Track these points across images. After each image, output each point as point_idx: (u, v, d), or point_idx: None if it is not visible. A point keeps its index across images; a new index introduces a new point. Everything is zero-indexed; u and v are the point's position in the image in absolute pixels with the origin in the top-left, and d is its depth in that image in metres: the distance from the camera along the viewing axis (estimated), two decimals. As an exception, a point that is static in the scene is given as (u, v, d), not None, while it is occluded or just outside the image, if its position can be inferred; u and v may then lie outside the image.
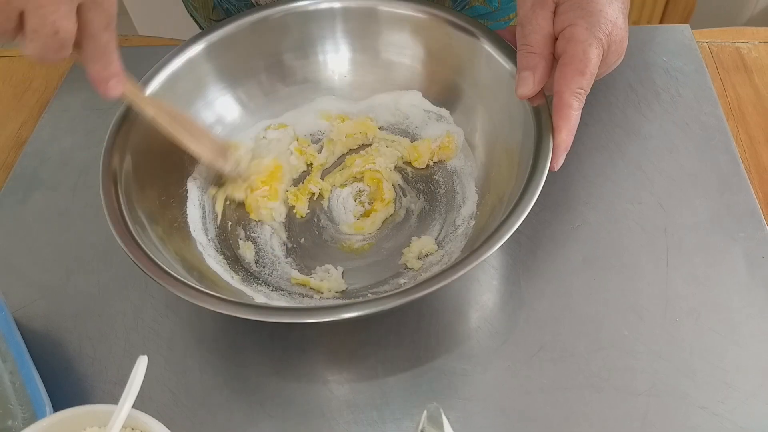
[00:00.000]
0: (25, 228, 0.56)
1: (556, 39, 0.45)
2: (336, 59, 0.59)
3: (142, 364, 0.35)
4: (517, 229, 0.41)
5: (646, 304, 0.47)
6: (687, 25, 0.66)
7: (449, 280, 0.39)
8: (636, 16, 1.09)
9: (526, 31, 0.46)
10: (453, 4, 0.66)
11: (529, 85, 0.45)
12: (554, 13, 0.45)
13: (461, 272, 0.39)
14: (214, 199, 0.54)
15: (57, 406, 0.42)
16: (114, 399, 0.35)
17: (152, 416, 0.36)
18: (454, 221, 0.52)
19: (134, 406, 0.35)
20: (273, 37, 0.57)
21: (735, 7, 1.37)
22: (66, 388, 0.46)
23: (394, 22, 0.56)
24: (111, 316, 0.50)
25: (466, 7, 0.67)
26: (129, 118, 0.50)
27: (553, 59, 0.45)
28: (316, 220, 0.54)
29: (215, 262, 0.49)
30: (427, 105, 0.58)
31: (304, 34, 0.57)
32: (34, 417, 0.40)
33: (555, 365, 0.45)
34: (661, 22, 1.13)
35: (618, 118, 0.59)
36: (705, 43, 0.67)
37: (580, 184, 0.54)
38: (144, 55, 0.55)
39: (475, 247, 0.41)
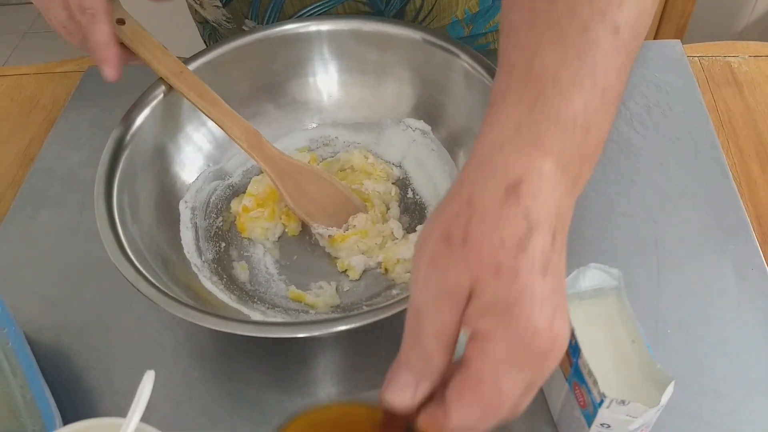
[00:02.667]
0: (33, 244, 0.58)
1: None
2: (326, 80, 0.60)
3: (149, 379, 0.36)
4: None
5: (638, 314, 0.48)
6: (678, 41, 0.68)
7: None
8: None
9: (425, 323, 0.30)
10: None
11: (407, 398, 0.31)
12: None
13: None
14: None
15: (66, 419, 0.43)
16: (121, 410, 0.37)
17: (157, 428, 0.37)
18: None
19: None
20: (259, 60, 0.58)
21: (728, 20, 1.39)
22: (74, 400, 0.47)
23: (386, 42, 0.57)
24: (117, 329, 0.51)
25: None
26: (123, 142, 0.51)
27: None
28: (308, 237, 0.55)
29: (210, 283, 0.50)
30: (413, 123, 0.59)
31: (291, 56, 0.59)
32: (44, 430, 0.41)
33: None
34: (656, 37, 1.15)
35: (611, 132, 0.60)
36: (696, 58, 0.68)
37: (576, 200, 0.55)
38: (145, 71, 0.56)
39: None
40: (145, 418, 0.37)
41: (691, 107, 0.61)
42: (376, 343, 0.48)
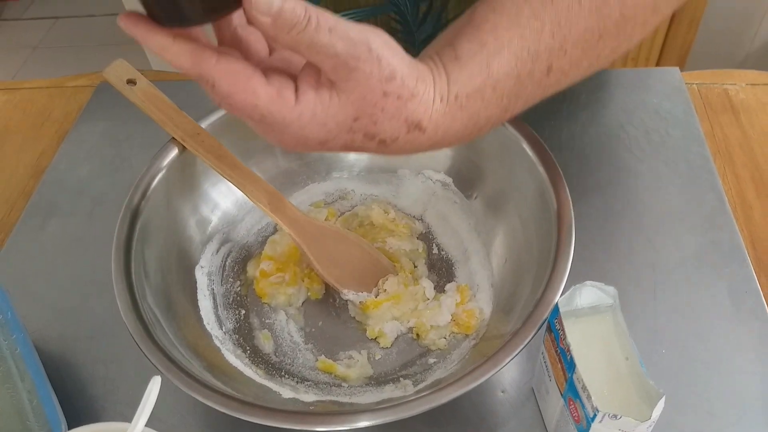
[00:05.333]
0: (42, 253, 0.59)
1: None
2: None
3: (155, 385, 0.37)
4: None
5: (634, 333, 0.49)
6: (677, 68, 0.69)
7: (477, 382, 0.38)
8: (633, 57, 1.13)
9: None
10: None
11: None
12: None
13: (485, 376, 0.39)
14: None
15: (71, 425, 0.44)
16: (125, 419, 0.37)
17: (162, 436, 0.38)
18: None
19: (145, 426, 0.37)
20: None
21: (729, 50, 1.41)
22: (79, 408, 0.48)
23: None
24: (123, 338, 0.51)
25: None
26: (138, 210, 0.49)
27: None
28: (331, 300, 0.53)
29: (234, 357, 0.48)
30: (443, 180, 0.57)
31: None
32: (50, 434, 0.42)
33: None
34: (658, 64, 1.17)
35: (610, 158, 0.61)
36: (694, 85, 0.70)
37: (576, 222, 0.57)
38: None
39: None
40: (150, 427, 0.38)
41: (688, 133, 0.63)
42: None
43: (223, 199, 0.56)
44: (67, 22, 2.40)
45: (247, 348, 0.50)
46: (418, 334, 0.50)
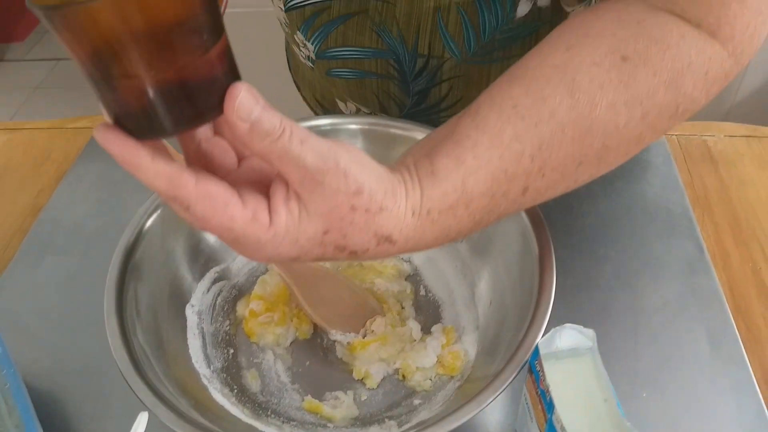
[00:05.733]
0: (36, 290, 0.60)
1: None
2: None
3: (143, 420, 0.38)
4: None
5: (615, 377, 0.50)
6: (657, 120, 0.72)
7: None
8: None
9: None
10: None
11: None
12: None
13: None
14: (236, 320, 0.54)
15: (57, 461, 0.45)
16: (113, 454, 0.38)
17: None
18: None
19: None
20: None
21: (713, 103, 1.46)
22: (65, 445, 0.48)
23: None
24: (112, 375, 0.52)
25: None
26: (134, 248, 0.50)
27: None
28: (319, 340, 0.54)
29: (221, 396, 0.48)
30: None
31: None
32: (35, 470, 0.42)
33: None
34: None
35: (593, 204, 0.63)
36: (674, 136, 0.72)
37: (556, 268, 0.58)
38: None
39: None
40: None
41: (668, 183, 0.65)
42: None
43: (215, 238, 0.57)
44: (69, 63, 2.43)
45: (235, 387, 0.51)
46: (404, 375, 0.51)
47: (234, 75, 0.30)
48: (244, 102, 0.29)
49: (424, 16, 0.54)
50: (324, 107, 0.73)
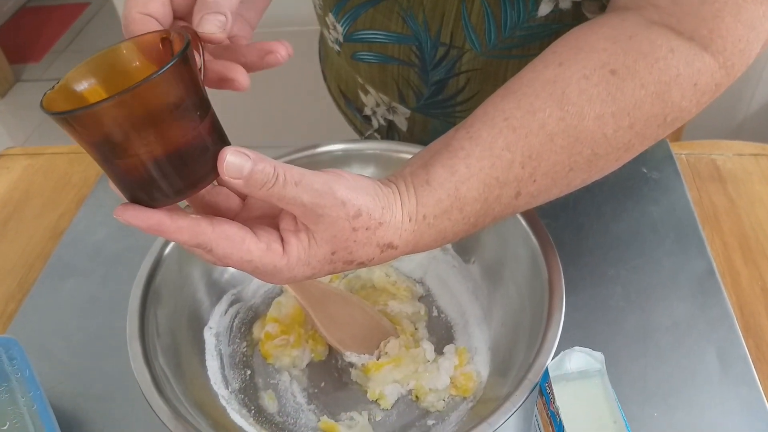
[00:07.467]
0: (58, 313, 0.61)
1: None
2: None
3: (165, 443, 0.39)
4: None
5: (625, 398, 0.51)
6: (665, 139, 0.73)
7: None
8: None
9: None
10: None
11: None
12: None
13: None
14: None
15: (81, 482, 0.46)
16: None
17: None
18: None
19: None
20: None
21: (722, 122, 1.46)
22: (88, 466, 0.49)
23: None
24: (134, 399, 0.54)
25: None
26: (154, 274, 0.52)
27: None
28: (334, 361, 0.55)
29: (239, 416, 0.50)
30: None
31: None
32: (61, 491, 0.43)
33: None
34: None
35: (601, 226, 0.64)
36: (683, 155, 0.73)
37: (566, 289, 0.59)
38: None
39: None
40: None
41: (677, 202, 0.66)
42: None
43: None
44: (85, 84, 2.48)
45: (252, 408, 0.52)
46: (417, 396, 0.52)
47: (222, 141, 0.35)
48: (232, 163, 0.34)
49: (449, 5, 0.55)
50: (347, 98, 0.75)
